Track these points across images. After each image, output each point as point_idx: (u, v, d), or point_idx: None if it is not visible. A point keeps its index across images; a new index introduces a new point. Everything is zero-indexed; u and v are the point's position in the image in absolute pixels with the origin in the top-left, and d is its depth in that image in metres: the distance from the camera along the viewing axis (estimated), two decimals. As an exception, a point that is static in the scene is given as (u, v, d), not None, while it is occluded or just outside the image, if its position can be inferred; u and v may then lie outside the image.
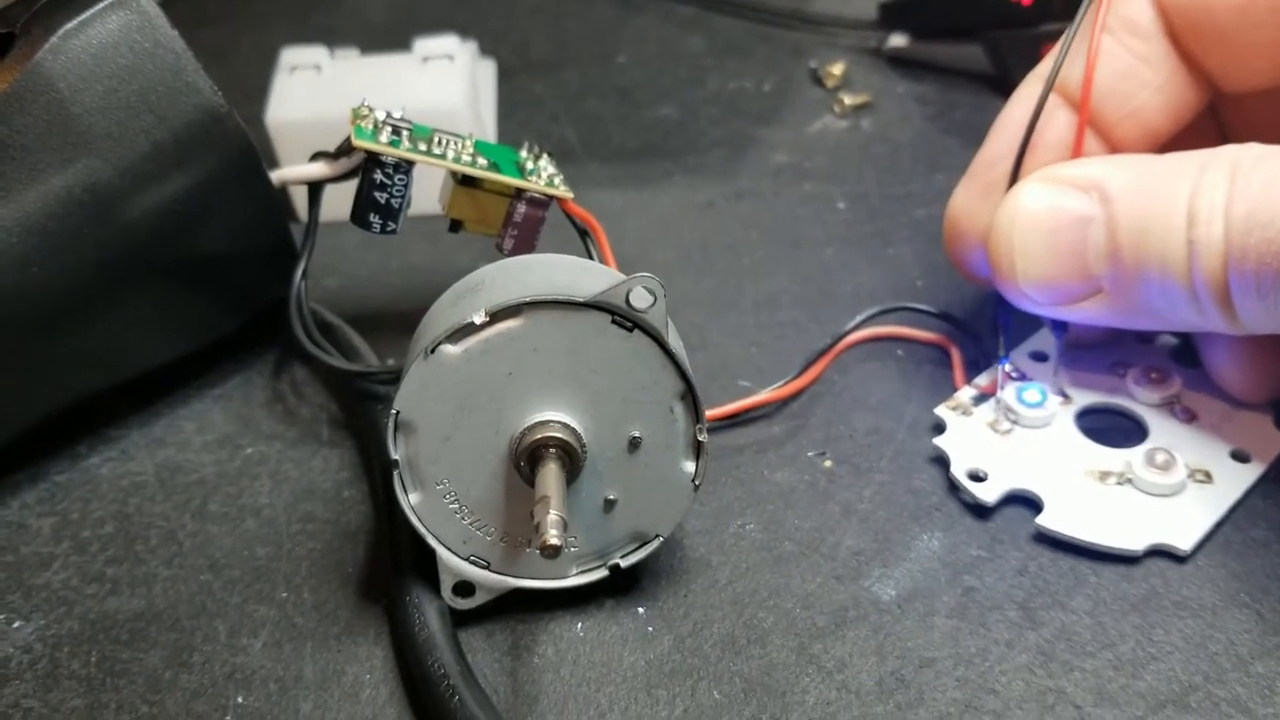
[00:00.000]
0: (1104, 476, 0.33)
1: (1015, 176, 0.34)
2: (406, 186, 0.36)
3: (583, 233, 0.37)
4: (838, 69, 0.54)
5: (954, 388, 0.37)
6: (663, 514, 0.31)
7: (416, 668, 0.30)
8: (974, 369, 0.37)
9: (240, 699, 0.30)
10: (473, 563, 0.31)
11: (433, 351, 0.28)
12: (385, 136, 0.35)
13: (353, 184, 0.36)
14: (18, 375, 0.35)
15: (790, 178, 0.48)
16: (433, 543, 0.30)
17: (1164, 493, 0.33)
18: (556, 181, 0.37)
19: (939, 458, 0.35)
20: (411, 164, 0.35)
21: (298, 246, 0.38)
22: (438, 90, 0.46)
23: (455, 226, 0.37)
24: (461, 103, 0.45)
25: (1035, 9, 0.49)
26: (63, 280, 0.34)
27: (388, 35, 0.58)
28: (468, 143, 0.37)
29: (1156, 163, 0.31)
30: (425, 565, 0.31)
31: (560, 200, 0.37)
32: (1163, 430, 0.35)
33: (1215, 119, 0.36)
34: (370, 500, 0.35)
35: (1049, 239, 0.32)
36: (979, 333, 0.38)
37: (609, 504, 0.31)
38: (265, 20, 0.62)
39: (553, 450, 0.29)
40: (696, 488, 0.31)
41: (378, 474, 0.35)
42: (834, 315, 0.40)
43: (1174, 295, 0.30)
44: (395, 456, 0.29)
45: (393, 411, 0.29)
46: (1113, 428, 0.35)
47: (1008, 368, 0.36)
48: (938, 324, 0.39)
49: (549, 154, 0.38)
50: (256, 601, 0.33)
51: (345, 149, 0.36)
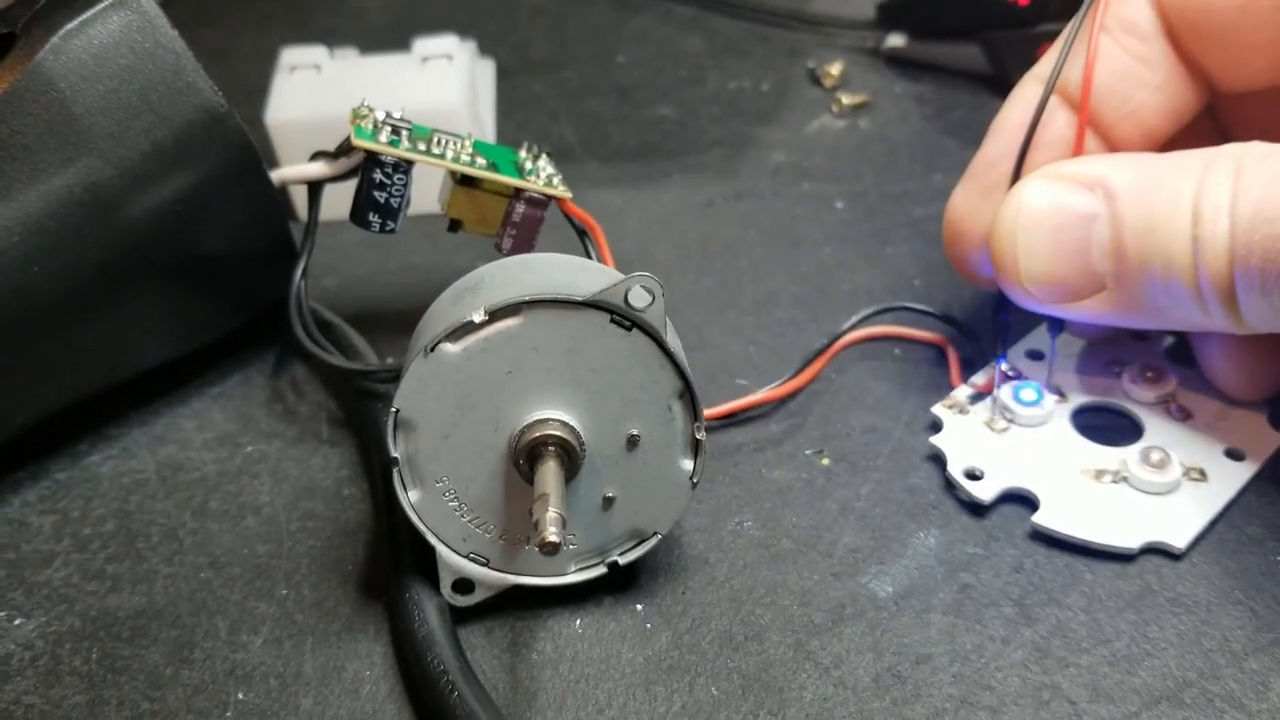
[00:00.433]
0: (1099, 475, 0.34)
1: (1017, 175, 0.34)
2: (406, 186, 0.36)
3: (581, 232, 0.38)
4: (836, 69, 0.54)
5: (950, 386, 0.37)
6: (661, 512, 0.31)
7: (416, 664, 0.30)
8: (970, 368, 0.38)
9: (241, 695, 0.31)
10: (472, 560, 0.31)
11: (432, 350, 0.28)
12: (385, 136, 0.36)
13: (352, 183, 0.36)
14: (19, 373, 0.35)
15: (788, 177, 0.48)
16: (432, 540, 0.31)
17: (1159, 491, 0.33)
18: (555, 181, 0.37)
19: (936, 456, 0.35)
20: (411, 164, 0.36)
21: (297, 246, 0.38)
22: (437, 90, 0.46)
23: (454, 226, 0.38)
24: (460, 103, 0.45)
25: (1032, 9, 0.49)
26: (63, 279, 0.34)
27: (387, 35, 0.58)
28: (467, 143, 0.37)
29: (1160, 160, 0.31)
30: (425, 562, 0.31)
31: (559, 200, 0.37)
32: (1158, 429, 0.35)
33: (1214, 119, 0.36)
34: (370, 498, 0.36)
35: (1053, 236, 0.32)
36: (976, 332, 0.38)
37: (607, 502, 0.31)
38: (265, 20, 0.62)
39: (551, 448, 0.29)
40: (695, 486, 0.31)
41: (377, 472, 0.35)
42: (832, 314, 0.40)
43: (1178, 293, 0.30)
44: (395, 454, 0.29)
45: (393, 409, 0.29)
46: (1108, 426, 0.35)
47: (1004, 366, 0.36)
48: (935, 323, 0.39)
49: (548, 154, 0.39)
50: (257, 598, 0.33)
51: (345, 149, 0.36)
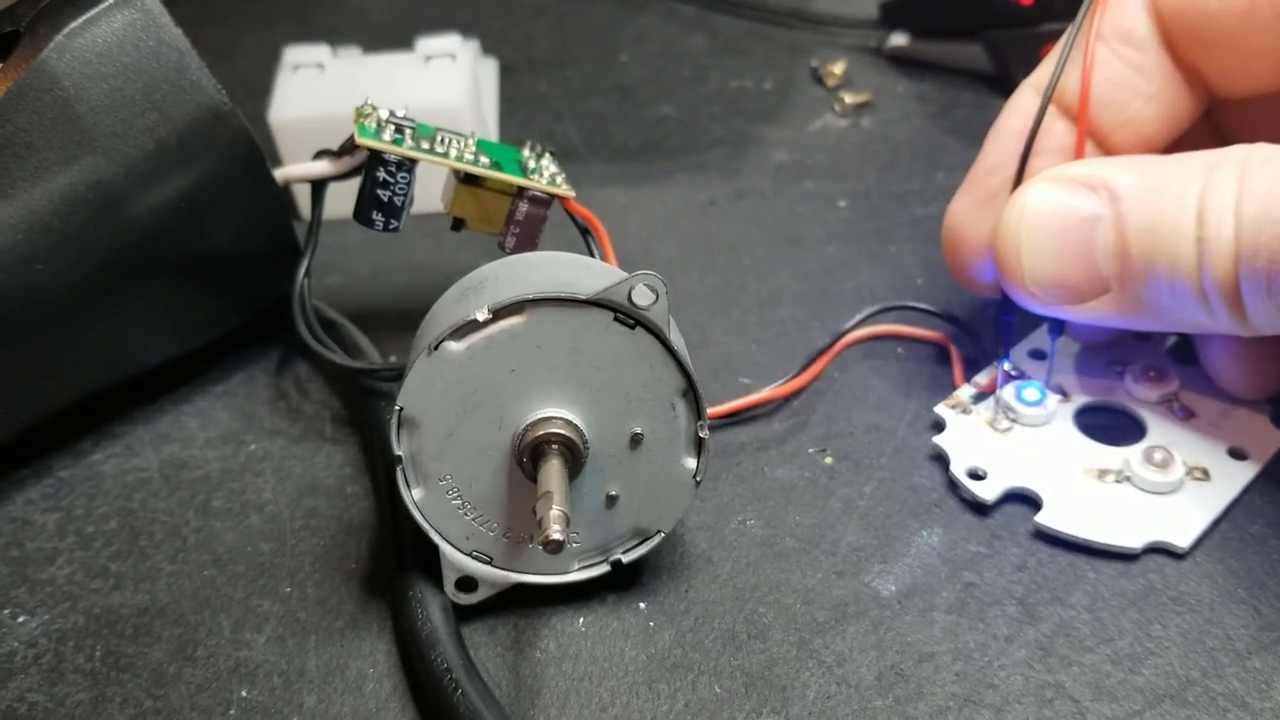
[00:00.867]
0: (1102, 474, 0.34)
1: (1018, 182, 0.34)
2: (409, 184, 0.36)
3: (584, 231, 0.38)
4: (838, 68, 0.54)
5: (953, 386, 0.37)
6: (664, 510, 0.31)
7: (419, 662, 0.30)
8: (973, 367, 0.38)
9: (244, 693, 0.31)
10: (475, 558, 0.31)
11: (436, 348, 0.29)
12: (388, 135, 0.36)
13: (355, 182, 0.36)
14: (22, 371, 0.35)
15: (791, 176, 0.49)
16: (436, 538, 0.31)
17: (1162, 490, 0.33)
18: (559, 180, 0.37)
19: (938, 455, 0.35)
20: (414, 162, 0.36)
21: (301, 244, 0.38)
22: (440, 89, 0.46)
23: (457, 225, 0.38)
24: (464, 101, 0.45)
25: (1035, 9, 0.49)
26: (67, 277, 0.34)
27: (390, 34, 0.58)
28: (470, 141, 0.37)
29: (1164, 162, 0.31)
30: (428, 560, 0.31)
31: (562, 199, 0.37)
32: (1161, 428, 0.35)
33: (1213, 124, 0.36)
34: (373, 496, 0.36)
35: (1057, 238, 0.32)
36: (978, 331, 0.38)
37: (611, 500, 0.31)
38: (268, 19, 0.62)
39: (555, 446, 0.29)
40: (698, 484, 0.31)
41: (380, 470, 0.35)
42: (834, 313, 0.40)
43: (1183, 295, 0.30)
44: (399, 452, 0.29)
45: (396, 407, 0.29)
46: (1111, 426, 0.35)
47: (1007, 366, 0.36)
48: (937, 322, 0.39)
49: (551, 153, 0.39)
50: (260, 596, 0.33)
51: (348, 147, 0.36)
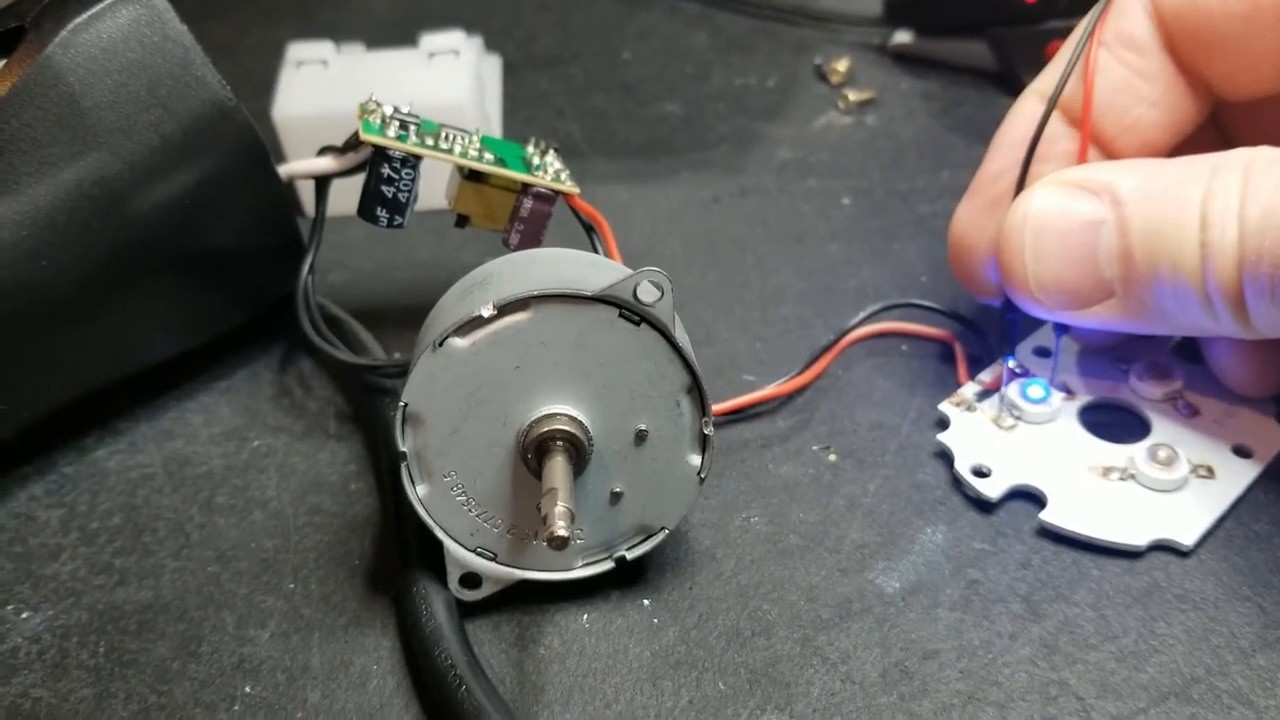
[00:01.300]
0: (1107, 472, 0.34)
1: (1021, 186, 0.34)
2: (414, 181, 0.36)
3: (588, 228, 0.38)
4: (842, 65, 0.54)
5: (958, 383, 0.37)
6: (668, 507, 0.31)
7: (423, 659, 0.30)
8: (978, 365, 0.38)
9: (248, 689, 0.31)
10: (480, 554, 0.31)
11: (441, 344, 0.28)
12: (393, 131, 0.36)
13: (358, 179, 0.36)
14: (26, 367, 0.35)
15: (795, 173, 0.48)
16: (440, 535, 0.31)
17: (1166, 488, 0.33)
18: (563, 177, 0.37)
19: (943, 453, 0.35)
20: (419, 159, 0.36)
21: (305, 240, 0.38)
22: (444, 85, 0.46)
23: (461, 221, 0.38)
24: (468, 98, 0.45)
25: (1040, 6, 0.49)
26: (72, 273, 0.34)
27: (393, 31, 0.58)
28: (475, 138, 0.37)
29: (1167, 166, 0.31)
30: (432, 557, 0.31)
31: (566, 195, 0.37)
32: (1165, 426, 0.35)
33: (1217, 127, 0.36)
34: (376, 493, 0.36)
35: (1060, 242, 0.32)
36: (983, 329, 0.38)
37: (615, 497, 0.31)
38: (271, 15, 0.62)
39: (560, 443, 0.29)
40: (702, 481, 0.31)
41: (384, 467, 0.35)
42: (838, 311, 0.40)
43: (1186, 299, 0.30)
44: (403, 448, 0.30)
45: (401, 404, 0.29)
46: (1116, 423, 0.35)
47: (1012, 364, 0.36)
48: (942, 320, 0.39)
49: (555, 149, 0.39)
50: (264, 593, 0.33)
51: (353, 143, 0.36)
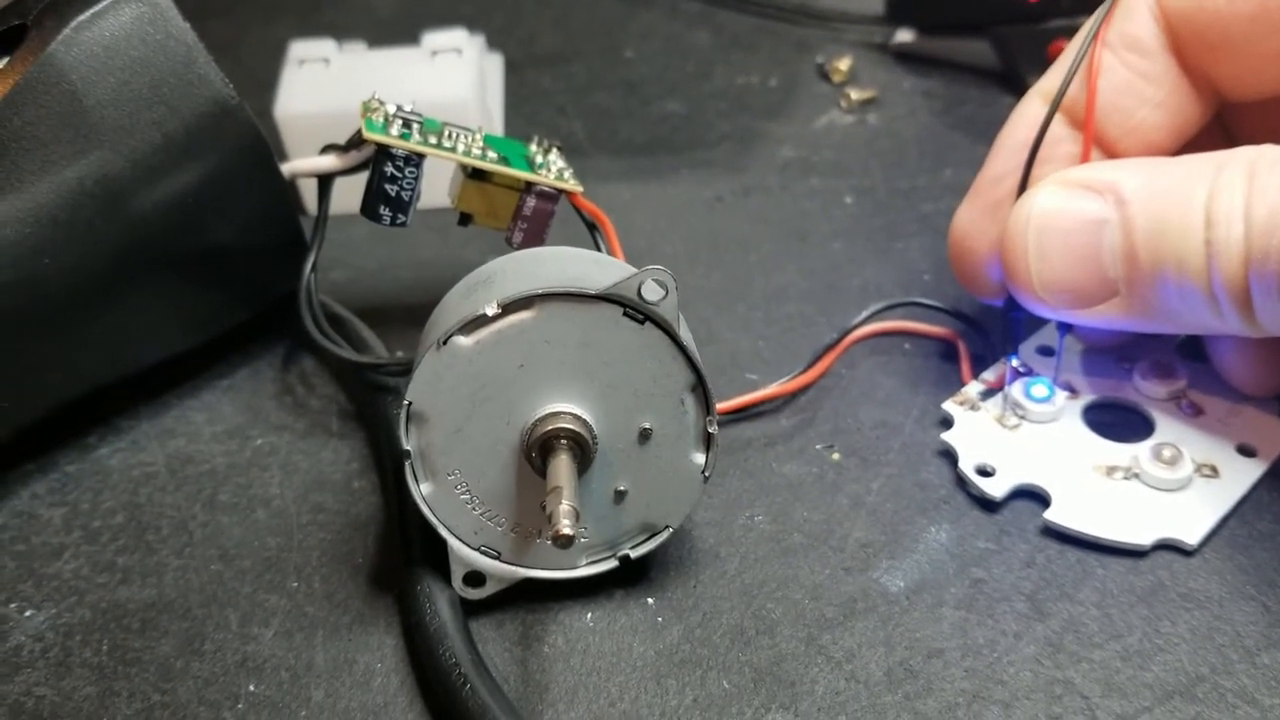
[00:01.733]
0: (1111, 471, 0.34)
1: (1024, 187, 0.33)
2: (417, 179, 0.36)
3: (591, 226, 0.38)
4: (844, 64, 0.54)
5: (961, 382, 0.37)
6: (672, 505, 0.31)
7: (428, 657, 0.30)
8: (981, 364, 0.38)
9: (252, 687, 0.31)
10: (484, 553, 0.31)
11: (445, 343, 0.28)
12: (396, 129, 0.36)
13: (360, 177, 0.36)
14: (28, 365, 0.35)
15: (797, 172, 0.48)
16: (444, 533, 0.31)
17: (1171, 487, 0.33)
18: (566, 175, 0.37)
19: (946, 451, 0.35)
20: (422, 157, 0.36)
21: (307, 239, 0.38)
22: (446, 83, 0.46)
23: (465, 220, 0.38)
24: (470, 96, 0.45)
25: (1042, 5, 0.49)
26: (74, 271, 0.34)
27: (395, 29, 0.58)
28: (478, 136, 0.37)
29: (1171, 164, 0.31)
30: (436, 555, 0.31)
31: (569, 194, 0.37)
32: (1169, 425, 0.35)
33: (1223, 127, 0.36)
34: (380, 491, 0.36)
35: (1064, 242, 0.31)
36: (986, 327, 0.38)
37: (619, 495, 0.31)
38: (273, 13, 0.62)
39: (564, 441, 0.29)
40: (706, 479, 0.31)
41: (388, 465, 0.35)
42: (841, 309, 0.40)
43: (1191, 298, 0.30)
44: (407, 447, 0.29)
45: (405, 402, 0.29)
46: (1120, 423, 0.35)
47: (1015, 363, 0.36)
48: (945, 319, 0.39)
49: (558, 148, 0.39)
50: (267, 591, 0.33)
51: (356, 142, 0.36)
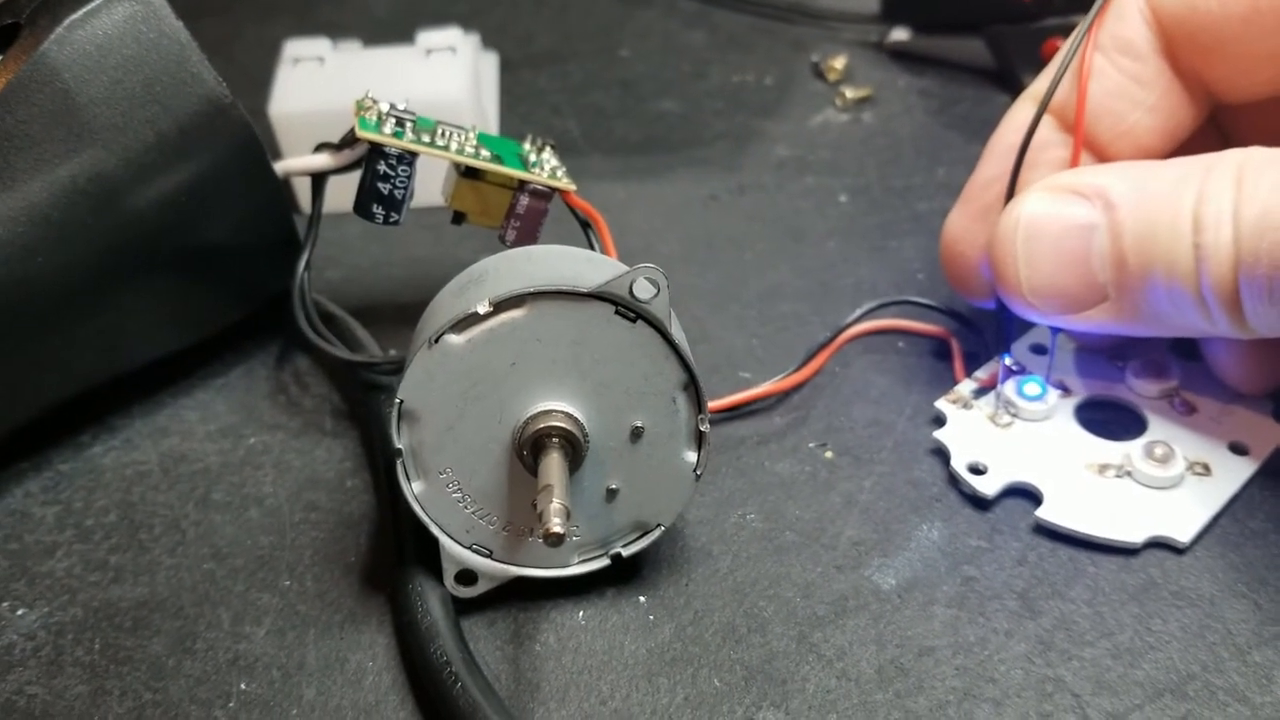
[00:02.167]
0: (1103, 469, 0.34)
1: (1012, 192, 0.33)
2: (410, 178, 0.36)
3: (585, 225, 0.38)
4: (839, 63, 0.54)
5: (954, 380, 0.37)
6: (664, 504, 0.31)
7: (419, 655, 0.30)
8: (974, 362, 0.38)
9: (243, 686, 0.31)
10: (475, 551, 0.31)
11: (437, 341, 0.28)
12: (389, 128, 0.36)
13: (353, 176, 0.36)
14: (22, 364, 0.35)
15: (792, 171, 0.48)
16: (436, 531, 0.31)
17: (1163, 485, 0.33)
18: (559, 174, 0.37)
19: (939, 450, 0.35)
20: (415, 155, 0.36)
21: (301, 237, 0.38)
22: (440, 82, 0.46)
23: (458, 218, 0.38)
24: (464, 95, 0.45)
25: (1036, 4, 0.49)
26: (67, 270, 0.34)
27: (390, 28, 0.58)
28: (471, 135, 0.37)
29: (1159, 168, 0.31)
30: (428, 554, 0.31)
31: (563, 192, 0.37)
32: (1161, 423, 0.35)
33: (1217, 128, 0.36)
34: (372, 490, 0.36)
35: (1053, 247, 0.31)
36: (979, 326, 0.38)
37: (611, 493, 0.31)
38: (268, 12, 0.62)
39: (555, 440, 0.29)
40: (698, 478, 0.31)
41: (380, 463, 0.35)
42: (835, 308, 0.40)
43: (1181, 301, 0.30)
44: (399, 445, 0.29)
45: (397, 400, 0.29)
46: (1112, 421, 0.35)
47: (1008, 361, 0.36)
48: (938, 317, 0.39)
49: (552, 146, 0.39)
50: (260, 589, 0.33)
51: (349, 140, 0.36)
